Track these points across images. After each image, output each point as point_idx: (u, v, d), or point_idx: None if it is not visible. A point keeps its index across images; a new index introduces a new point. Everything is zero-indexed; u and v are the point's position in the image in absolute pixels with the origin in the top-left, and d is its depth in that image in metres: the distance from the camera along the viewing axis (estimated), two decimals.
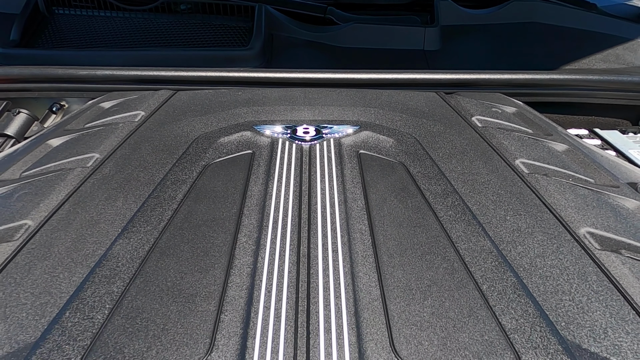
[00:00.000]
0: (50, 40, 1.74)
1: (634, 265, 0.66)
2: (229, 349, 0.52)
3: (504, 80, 1.36)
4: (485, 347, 0.53)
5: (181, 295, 0.59)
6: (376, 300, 0.58)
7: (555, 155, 0.95)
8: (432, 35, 1.77)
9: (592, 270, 0.65)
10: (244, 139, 0.97)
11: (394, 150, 0.94)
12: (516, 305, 0.58)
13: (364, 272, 0.62)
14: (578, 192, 0.82)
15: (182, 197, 0.79)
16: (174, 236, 0.69)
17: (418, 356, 0.51)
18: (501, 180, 0.85)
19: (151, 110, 1.10)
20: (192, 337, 0.53)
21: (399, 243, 0.68)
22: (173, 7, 1.83)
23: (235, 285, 0.60)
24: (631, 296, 0.61)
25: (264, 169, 0.86)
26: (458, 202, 0.78)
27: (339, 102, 1.14)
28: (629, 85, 1.45)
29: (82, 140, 0.98)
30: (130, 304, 0.57)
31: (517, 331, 0.55)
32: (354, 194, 0.79)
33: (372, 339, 0.53)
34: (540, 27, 1.84)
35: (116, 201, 0.78)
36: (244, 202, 0.77)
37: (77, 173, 0.85)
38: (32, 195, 0.79)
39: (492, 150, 0.95)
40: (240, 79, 1.31)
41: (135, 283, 0.61)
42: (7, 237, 0.70)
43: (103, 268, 0.63)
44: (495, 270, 0.64)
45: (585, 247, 0.69)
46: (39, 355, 0.51)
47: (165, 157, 0.91)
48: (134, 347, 0.52)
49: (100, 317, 0.56)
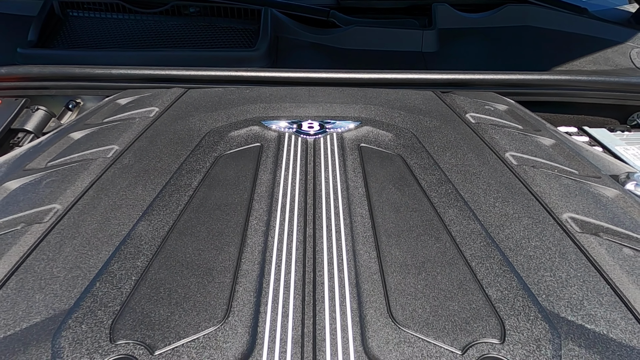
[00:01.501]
0: (65, 41, 1.80)
1: (610, 246, 0.71)
2: (244, 314, 0.57)
3: (497, 80, 1.42)
4: (473, 313, 0.58)
5: (199, 269, 0.64)
6: (375, 274, 0.63)
7: (542, 149, 1.01)
8: (429, 37, 1.82)
9: (572, 250, 0.71)
10: (253, 132, 1.02)
11: (392, 143, 0.99)
12: (501, 279, 0.64)
13: (364, 250, 0.68)
14: (562, 182, 0.87)
15: (197, 184, 0.84)
16: (191, 219, 0.75)
17: (412, 321, 0.56)
18: (492, 171, 0.91)
19: (165, 107, 1.16)
20: (210, 304, 0.58)
21: (396, 225, 0.74)
22: (182, 10, 1.88)
23: (248, 260, 0.66)
24: (607, 273, 0.67)
25: (272, 160, 0.91)
26: (451, 190, 0.84)
27: (341, 100, 1.19)
28: (617, 86, 1.50)
29: (102, 134, 1.03)
30: (154, 276, 0.63)
31: (502, 301, 0.60)
32: (355, 182, 0.85)
33: (371, 306, 0.58)
34: (533, 31, 1.89)
35: (136, 188, 0.83)
36: (254, 189, 0.82)
37: (99, 163, 0.91)
38: (59, 182, 0.85)
39: (484, 144, 1.00)
40: (248, 78, 1.37)
41: (157, 258, 0.66)
42: (38, 219, 0.75)
43: (127, 246, 0.69)
44: (484, 250, 0.69)
45: (566, 230, 0.75)
46: (74, 319, 0.56)
47: (180, 149, 0.96)
48: (159, 313, 0.57)
49: (127, 288, 0.61)
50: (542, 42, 1.87)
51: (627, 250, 0.71)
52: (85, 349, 0.52)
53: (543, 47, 1.87)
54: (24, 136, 1.40)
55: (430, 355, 0.52)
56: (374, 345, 0.53)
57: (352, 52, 1.80)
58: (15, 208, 0.79)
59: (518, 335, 0.55)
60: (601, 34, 1.92)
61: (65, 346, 0.53)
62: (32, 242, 0.70)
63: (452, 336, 0.55)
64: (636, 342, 0.57)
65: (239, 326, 0.55)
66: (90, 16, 1.90)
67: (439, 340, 0.54)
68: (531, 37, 1.88)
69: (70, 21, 1.87)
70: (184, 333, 0.54)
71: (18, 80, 1.44)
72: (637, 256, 0.70)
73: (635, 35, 1.91)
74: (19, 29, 1.71)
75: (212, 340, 0.53)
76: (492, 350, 0.53)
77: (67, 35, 1.82)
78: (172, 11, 1.87)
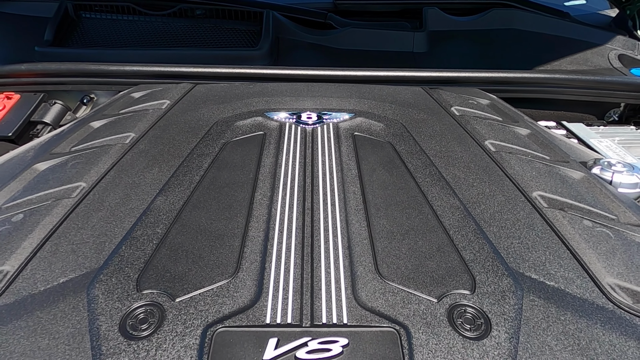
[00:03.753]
0: (78, 40, 1.88)
1: (572, 218, 0.79)
2: (251, 270, 0.65)
3: (481, 78, 1.50)
4: (448, 271, 0.66)
5: (212, 235, 0.72)
6: (365, 240, 0.71)
7: (518, 138, 1.09)
8: (420, 39, 1.90)
9: (539, 222, 0.78)
10: (257, 122, 1.10)
11: (383, 132, 1.07)
12: (475, 245, 0.71)
13: (356, 220, 0.76)
14: (534, 166, 0.95)
15: (207, 166, 0.92)
16: (203, 195, 0.82)
17: (396, 276, 0.64)
18: (472, 156, 0.98)
19: (175, 100, 1.23)
20: (222, 263, 0.66)
21: (385, 200, 0.81)
22: (189, 13, 1.96)
23: (254, 228, 0.73)
24: (568, 240, 0.74)
25: (274, 146, 0.99)
26: (435, 172, 0.91)
27: (337, 94, 1.27)
28: (593, 84, 1.58)
29: (119, 123, 1.11)
30: (172, 241, 0.70)
31: (474, 262, 0.68)
32: (348, 165, 0.92)
33: (361, 265, 0.66)
34: (517, 33, 1.97)
35: (153, 169, 0.91)
36: (259, 170, 0.90)
37: (118, 148, 0.98)
38: (83, 164, 0.92)
39: (466, 134, 1.08)
40: (251, 75, 1.45)
41: (175, 226, 0.74)
42: (66, 195, 0.83)
43: (147, 216, 0.76)
44: (461, 221, 0.77)
45: (535, 206, 0.82)
46: (105, 274, 0.64)
47: (190, 136, 1.04)
48: (178, 269, 0.65)
49: (149, 250, 0.69)
50: (526, 44, 1.96)
51: (587, 222, 0.79)
52: (116, 297, 0.60)
53: (527, 48, 1.95)
54: (42, 128, 1.47)
55: (410, 303, 0.60)
56: (363, 294, 0.61)
57: (348, 52, 1.88)
58: (45, 186, 0.86)
59: (486, 288, 0.63)
60: (582, 36, 2.00)
61: (99, 295, 0.60)
62: (62, 213, 0.78)
63: (429, 288, 0.62)
64: (588, 295, 0.64)
65: (247, 279, 0.63)
66: (102, 17, 1.98)
67: (418, 290, 0.62)
68: (516, 39, 1.97)
69: (83, 22, 1.95)
70: (200, 285, 0.62)
71: (37, 76, 1.52)
72: (595, 227, 0.78)
73: (613, 37, 1.99)
74: (37, 29, 1.79)
75: (224, 290, 0.61)
76: (463, 299, 0.61)
77: (80, 35, 1.90)
78: (179, 13, 1.95)
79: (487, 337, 0.56)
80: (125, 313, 0.58)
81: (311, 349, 0.52)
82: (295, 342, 0.53)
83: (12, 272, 0.66)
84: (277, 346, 0.53)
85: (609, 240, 0.75)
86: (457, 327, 0.57)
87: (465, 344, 0.55)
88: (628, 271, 0.69)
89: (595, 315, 0.61)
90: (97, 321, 0.57)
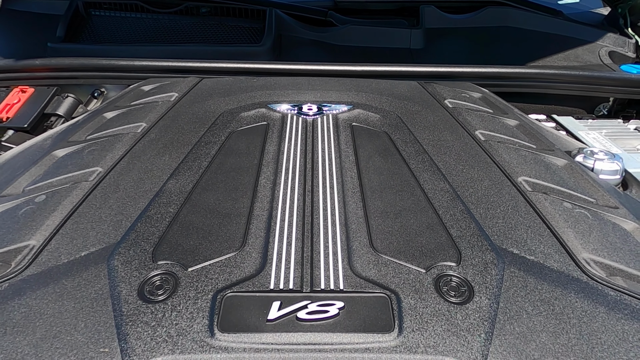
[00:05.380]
0: (88, 36, 1.93)
1: (554, 201, 0.84)
2: (256, 244, 0.70)
3: (475, 73, 1.54)
4: (437, 246, 0.71)
5: (220, 214, 0.77)
6: (361, 218, 0.76)
7: (507, 128, 1.14)
8: (417, 36, 1.95)
9: (523, 204, 0.83)
10: (260, 113, 1.14)
11: (379, 123, 1.12)
12: (462, 223, 0.76)
13: (352, 201, 0.81)
14: (520, 153, 1.00)
15: (214, 153, 0.97)
16: (211, 178, 0.88)
17: (388, 250, 0.69)
18: (462, 145, 1.03)
19: (183, 92, 1.28)
20: (229, 238, 0.71)
21: (380, 184, 0.86)
22: (195, 10, 2.01)
23: (259, 208, 0.78)
24: (548, 220, 0.79)
25: (277, 135, 1.04)
26: (427, 159, 0.96)
27: (337, 88, 1.32)
28: (582, 79, 1.63)
29: (131, 114, 1.16)
30: (184, 219, 0.76)
31: (461, 238, 0.73)
32: (346, 152, 0.97)
33: (356, 240, 0.71)
34: (511, 31, 2.01)
35: (164, 156, 0.96)
36: (262, 156, 0.95)
37: (131, 136, 1.03)
38: (99, 151, 0.97)
39: (458, 124, 1.13)
40: (255, 70, 1.49)
41: (185, 206, 0.79)
42: (85, 178, 0.88)
43: (160, 197, 0.81)
44: (450, 202, 0.82)
45: (519, 190, 0.87)
46: (123, 247, 0.69)
47: (198, 126, 1.09)
48: (190, 243, 0.70)
49: (163, 227, 0.74)
50: (520, 41, 2.00)
51: (567, 204, 0.84)
52: (134, 267, 0.65)
53: (520, 45, 2.00)
54: (55, 120, 1.53)
55: (401, 272, 0.65)
56: (358, 265, 0.66)
57: (347, 48, 1.93)
58: (64, 170, 0.91)
59: (471, 261, 0.68)
60: (573, 34, 2.04)
61: (118, 265, 0.66)
62: (81, 195, 0.83)
63: (418, 260, 0.67)
64: (565, 269, 0.69)
65: (253, 252, 0.68)
66: (111, 15, 2.03)
67: (408, 262, 0.67)
68: (509, 37, 2.01)
69: (93, 19, 2.00)
70: (210, 256, 0.67)
71: (50, 71, 1.57)
72: (574, 208, 0.83)
73: (604, 35, 2.03)
74: (49, 26, 1.84)
75: (232, 261, 0.66)
76: (449, 270, 0.66)
77: (90, 31, 1.95)
78: (185, 11, 1.99)
79: (469, 302, 0.61)
80: (142, 280, 0.63)
81: (310, 311, 0.57)
82: (296, 304, 0.58)
83: (38, 246, 0.71)
84: (280, 308, 0.58)
85: (587, 221, 0.80)
86: (443, 294, 0.62)
87: (449, 308, 0.60)
88: (602, 247, 0.74)
89: (570, 286, 0.66)
90: (118, 287, 0.62)
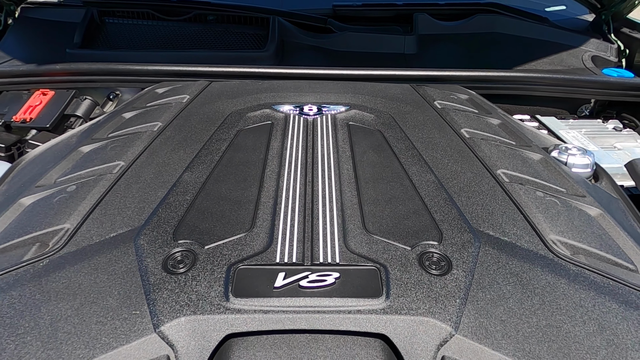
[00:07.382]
0: (103, 43, 2.02)
1: (528, 190, 0.93)
2: (263, 227, 0.78)
3: (464, 76, 1.63)
4: (421, 227, 0.79)
5: (231, 201, 0.85)
6: (355, 205, 0.85)
7: (490, 127, 1.22)
8: (410, 42, 2.03)
9: (500, 193, 0.92)
10: (265, 114, 1.23)
11: (374, 122, 1.21)
12: (445, 209, 0.85)
13: (348, 190, 0.89)
14: (500, 149, 1.08)
15: (224, 149, 1.05)
16: (222, 171, 0.96)
17: (379, 230, 0.77)
18: (448, 141, 1.12)
19: (194, 95, 1.37)
20: (239, 221, 0.80)
21: (373, 176, 0.95)
22: (202, 18, 2.09)
23: (265, 196, 0.87)
24: (522, 207, 0.88)
25: (281, 133, 1.12)
26: (416, 154, 1.05)
27: (335, 90, 1.40)
28: (564, 82, 1.71)
29: (147, 114, 1.24)
30: (199, 205, 0.84)
31: (443, 221, 0.81)
32: (343, 148, 1.06)
33: (351, 223, 0.79)
34: (500, 36, 2.10)
35: (178, 151, 1.04)
36: (268, 152, 1.03)
37: (149, 134, 1.12)
38: (121, 147, 1.06)
39: (445, 123, 1.21)
40: (259, 74, 1.58)
41: (200, 194, 0.87)
42: (109, 171, 0.97)
43: (178, 187, 0.90)
44: (435, 191, 0.90)
45: (498, 181, 0.96)
46: (147, 229, 0.77)
47: (209, 125, 1.17)
48: (205, 225, 0.78)
49: (181, 212, 0.82)
50: (507, 46, 2.08)
51: (539, 193, 0.92)
52: (158, 245, 0.74)
53: (508, 50, 2.08)
54: (75, 120, 1.61)
55: (389, 249, 0.73)
56: (352, 243, 0.74)
57: (345, 54, 2.01)
58: (91, 164, 1.00)
59: (450, 240, 0.76)
60: (558, 39, 2.13)
61: (144, 244, 0.74)
62: (107, 185, 0.91)
63: (405, 239, 0.76)
64: (534, 247, 0.78)
65: (260, 233, 0.76)
66: (124, 22, 2.12)
67: (396, 241, 0.75)
68: (498, 42, 2.10)
69: (107, 27, 2.09)
70: (223, 237, 0.75)
71: (69, 75, 1.66)
72: (545, 197, 0.91)
73: (587, 40, 2.12)
74: (67, 33, 1.92)
75: (242, 240, 0.74)
76: (431, 248, 0.74)
77: (105, 38, 2.04)
78: (194, 19, 2.08)
79: (448, 274, 0.69)
80: (166, 256, 0.71)
81: (311, 280, 0.66)
82: (298, 275, 0.67)
83: (72, 229, 0.79)
84: (285, 278, 0.66)
85: (556, 207, 0.88)
86: (425, 267, 0.70)
87: (430, 278, 0.68)
88: (568, 230, 0.83)
89: (537, 262, 0.75)
90: (144, 262, 0.70)
